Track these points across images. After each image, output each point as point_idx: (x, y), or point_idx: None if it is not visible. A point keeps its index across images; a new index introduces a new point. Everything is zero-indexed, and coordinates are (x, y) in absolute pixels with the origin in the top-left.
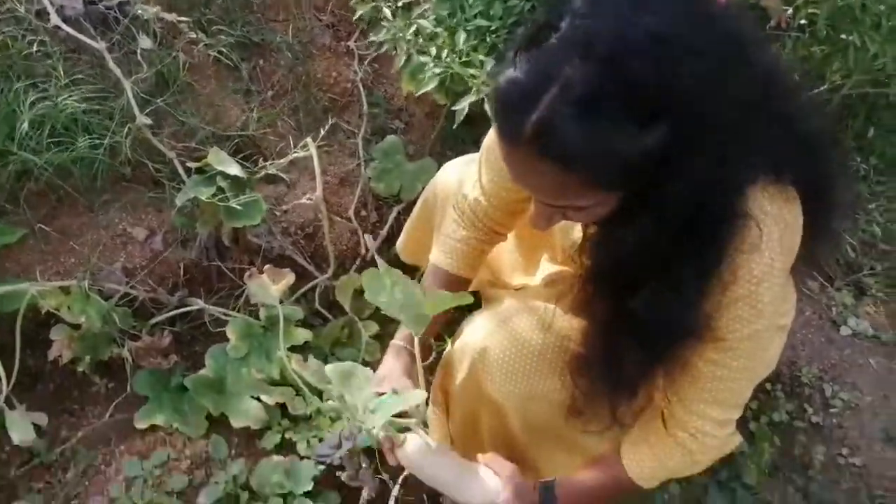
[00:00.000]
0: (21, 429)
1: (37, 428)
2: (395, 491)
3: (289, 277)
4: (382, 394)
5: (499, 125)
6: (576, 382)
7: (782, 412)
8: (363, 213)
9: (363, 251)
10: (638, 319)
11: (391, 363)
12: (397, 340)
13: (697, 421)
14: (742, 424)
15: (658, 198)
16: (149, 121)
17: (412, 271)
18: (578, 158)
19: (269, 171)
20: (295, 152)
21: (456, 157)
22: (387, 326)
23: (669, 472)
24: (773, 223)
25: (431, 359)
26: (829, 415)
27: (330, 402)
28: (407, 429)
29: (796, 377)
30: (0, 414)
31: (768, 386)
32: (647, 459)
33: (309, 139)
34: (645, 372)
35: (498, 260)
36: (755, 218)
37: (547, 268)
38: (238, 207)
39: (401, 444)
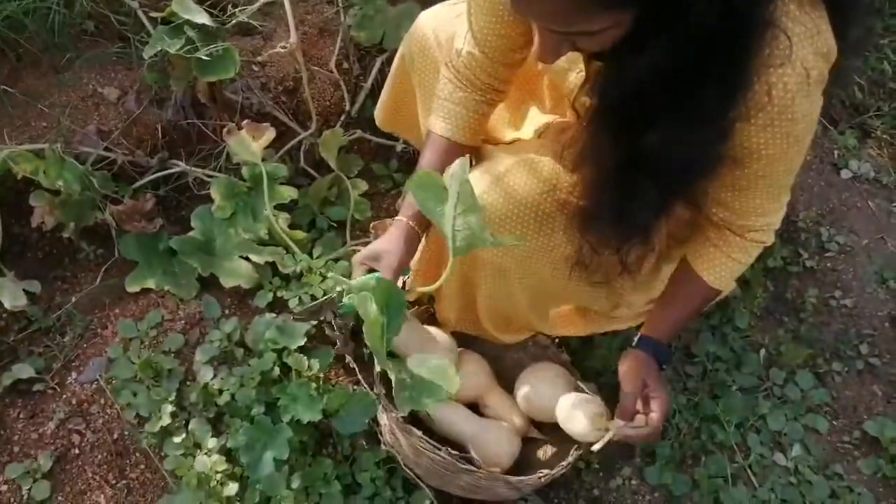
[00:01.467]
0: (12, 294)
1: (31, 295)
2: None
3: (269, 132)
4: (372, 270)
5: None
6: (584, 236)
7: (777, 257)
8: (345, 64)
9: (347, 106)
10: (654, 158)
11: (394, 241)
12: (402, 217)
13: (760, 219)
14: None
15: (676, 12)
16: None
17: (393, 140)
18: None
19: (240, 20)
20: None
21: None
22: (376, 184)
23: (745, 267)
24: (803, 29)
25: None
26: (823, 258)
27: (318, 259)
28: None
29: (793, 222)
30: None
31: None
32: (727, 264)
33: None
34: (660, 213)
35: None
36: (782, 26)
37: (537, 119)
38: (208, 58)
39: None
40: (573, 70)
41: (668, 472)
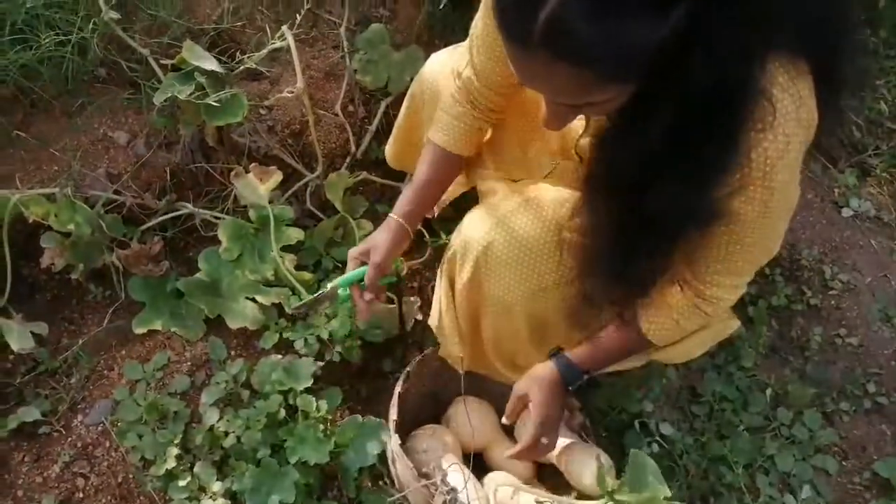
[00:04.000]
0: (19, 337)
1: (38, 337)
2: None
3: (276, 175)
4: (364, 263)
5: (506, 27)
6: (583, 284)
7: (781, 296)
8: (350, 108)
9: (352, 148)
10: (654, 214)
11: (382, 236)
12: (393, 215)
13: (713, 288)
14: (740, 309)
15: (680, 81)
16: (116, 15)
17: (401, 178)
18: (595, 56)
19: (248, 66)
20: (273, 43)
21: (444, 44)
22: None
23: (682, 332)
24: (789, 99)
25: (427, 255)
26: (827, 296)
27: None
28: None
29: (796, 260)
30: None
31: (767, 270)
32: (667, 322)
33: (285, 28)
34: (657, 267)
35: (495, 152)
36: (767, 94)
37: (545, 161)
38: (217, 104)
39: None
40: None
41: None
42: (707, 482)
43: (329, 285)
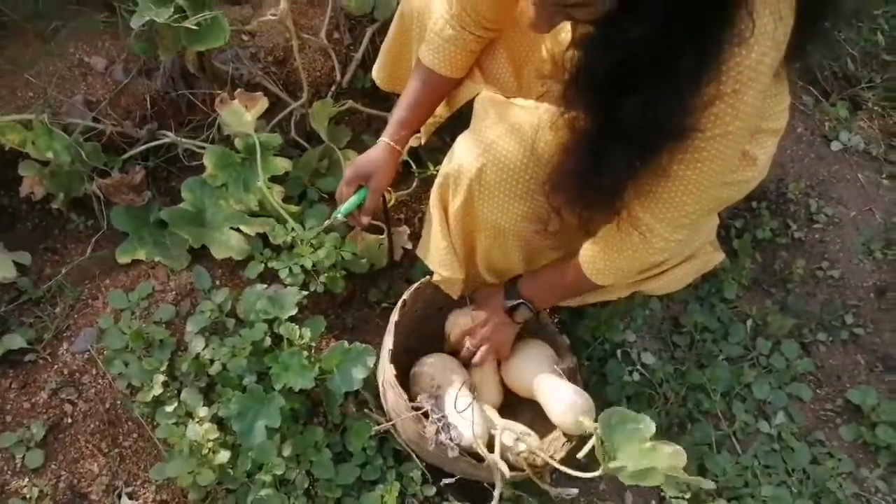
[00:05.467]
0: (2, 266)
1: (21, 266)
2: None
3: (262, 102)
4: (361, 186)
5: None
6: (550, 199)
7: (766, 229)
8: (336, 34)
9: (338, 76)
10: (629, 123)
11: (380, 160)
12: (385, 138)
13: (649, 220)
14: (725, 242)
15: None
16: None
17: (388, 107)
18: None
19: None
20: None
21: None
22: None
23: (618, 269)
24: (769, 17)
25: (414, 186)
26: (812, 230)
27: (309, 230)
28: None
29: (782, 194)
30: None
31: (753, 204)
32: (599, 254)
33: None
34: (625, 180)
35: (486, 74)
36: (749, 7)
37: (536, 84)
38: (197, 27)
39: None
40: (563, 30)
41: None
42: (685, 409)
43: (339, 215)
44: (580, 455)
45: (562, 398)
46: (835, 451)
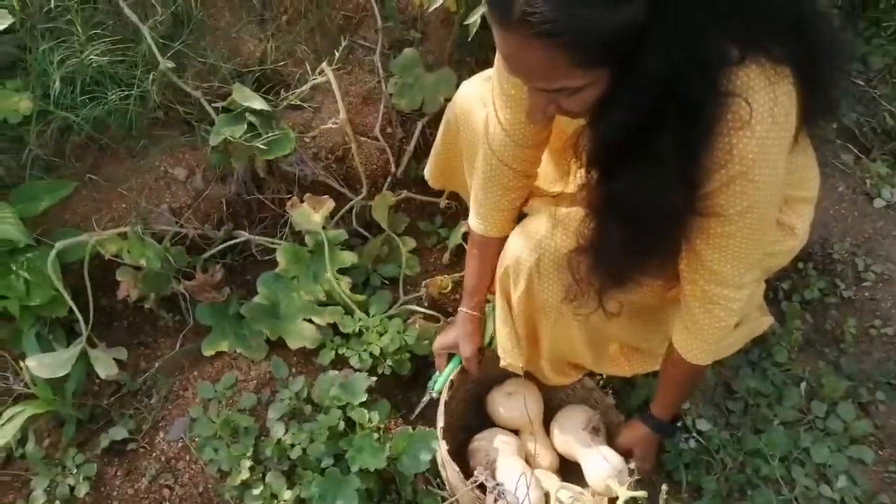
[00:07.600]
0: (105, 364)
1: (119, 361)
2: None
3: (328, 203)
4: (453, 355)
5: (492, 8)
6: (572, 269)
7: (814, 289)
8: (388, 130)
9: (392, 168)
10: (618, 203)
11: (466, 332)
12: (465, 309)
13: (715, 288)
14: (774, 305)
15: (636, 73)
16: (171, 64)
17: (440, 194)
18: (561, 32)
19: (292, 102)
20: (314, 79)
21: (475, 62)
22: (423, 240)
23: (711, 345)
24: (764, 99)
25: None
26: (861, 288)
27: (374, 317)
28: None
29: (828, 254)
30: (85, 352)
31: (800, 265)
32: (689, 339)
33: (325, 65)
34: (634, 256)
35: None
36: (743, 94)
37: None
38: (266, 147)
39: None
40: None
41: None
42: (744, 475)
43: (435, 391)
44: None
45: (591, 464)
46: None
